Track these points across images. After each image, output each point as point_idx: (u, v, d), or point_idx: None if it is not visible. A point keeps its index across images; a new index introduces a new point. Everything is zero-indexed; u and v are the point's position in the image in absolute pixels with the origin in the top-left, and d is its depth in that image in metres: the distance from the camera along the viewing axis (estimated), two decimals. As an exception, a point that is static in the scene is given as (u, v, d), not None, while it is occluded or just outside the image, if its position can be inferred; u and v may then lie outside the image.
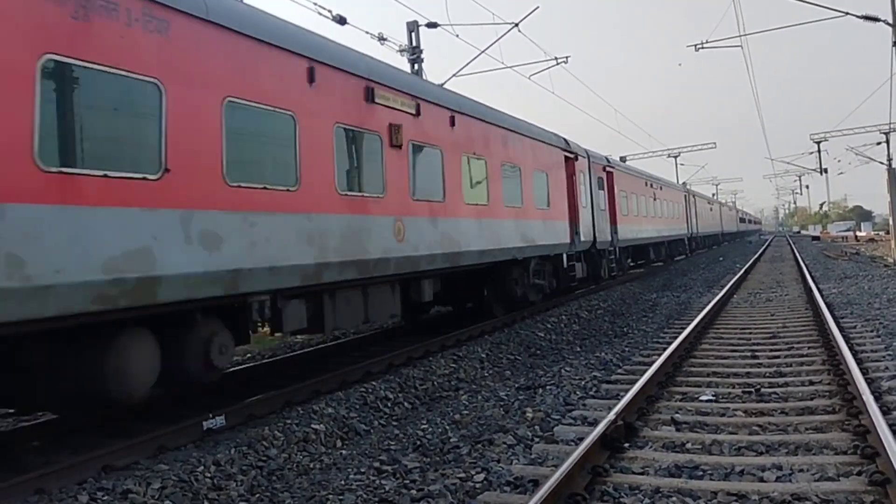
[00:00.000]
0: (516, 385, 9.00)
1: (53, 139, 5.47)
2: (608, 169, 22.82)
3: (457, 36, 20.13)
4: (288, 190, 7.84)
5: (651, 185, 30.10)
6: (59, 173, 5.40)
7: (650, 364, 8.82)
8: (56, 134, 5.52)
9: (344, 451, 6.82)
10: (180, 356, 6.87)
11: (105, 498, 5.29)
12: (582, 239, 18.64)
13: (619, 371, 9.33)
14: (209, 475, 5.88)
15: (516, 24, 19.91)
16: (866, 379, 7.22)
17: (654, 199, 30.54)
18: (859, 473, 4.98)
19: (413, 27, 21.46)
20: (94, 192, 5.66)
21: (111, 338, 6.10)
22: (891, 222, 32.20)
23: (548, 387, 8.58)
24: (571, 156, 18.54)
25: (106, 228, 5.71)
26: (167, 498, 5.44)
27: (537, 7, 19.61)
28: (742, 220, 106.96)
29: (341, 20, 16.43)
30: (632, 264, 28.42)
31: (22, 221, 5.08)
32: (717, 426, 6.45)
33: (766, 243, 64.54)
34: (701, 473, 5.23)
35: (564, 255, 17.63)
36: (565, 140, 18.54)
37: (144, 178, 6.13)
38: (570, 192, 18.20)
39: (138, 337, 6.33)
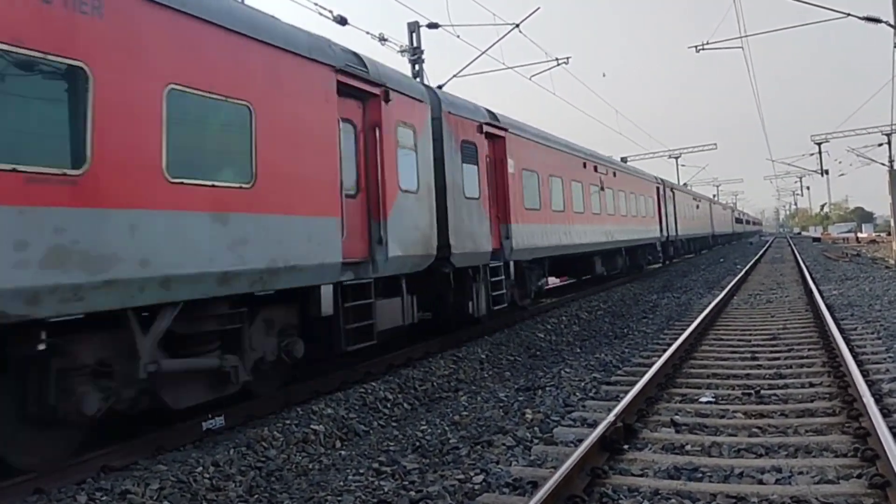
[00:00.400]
0: (516, 386, 9.00)
1: None
2: (491, 131, 13.72)
3: (458, 36, 20.13)
4: None
5: (596, 169, 21.67)
6: None
7: (650, 365, 8.81)
8: None
9: (343, 452, 6.81)
10: None
11: (104, 498, 5.29)
12: (391, 254, 9.68)
13: (619, 372, 9.31)
14: (208, 476, 5.88)
15: (517, 25, 19.90)
16: (867, 381, 7.20)
17: (602, 189, 22.21)
18: (859, 476, 4.97)
19: (414, 28, 21.43)
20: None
21: None
22: (892, 224, 32.20)
23: (547, 388, 8.57)
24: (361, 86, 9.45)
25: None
26: (166, 498, 5.44)
27: (538, 8, 19.61)
28: (739, 221, 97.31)
29: (342, 21, 16.41)
30: (559, 283, 23.55)
31: None
32: (717, 428, 6.43)
33: (767, 245, 64.50)
34: (700, 475, 5.22)
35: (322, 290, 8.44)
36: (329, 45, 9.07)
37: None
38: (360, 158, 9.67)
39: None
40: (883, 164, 46.13)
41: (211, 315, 6.94)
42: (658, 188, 32.11)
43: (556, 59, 23.30)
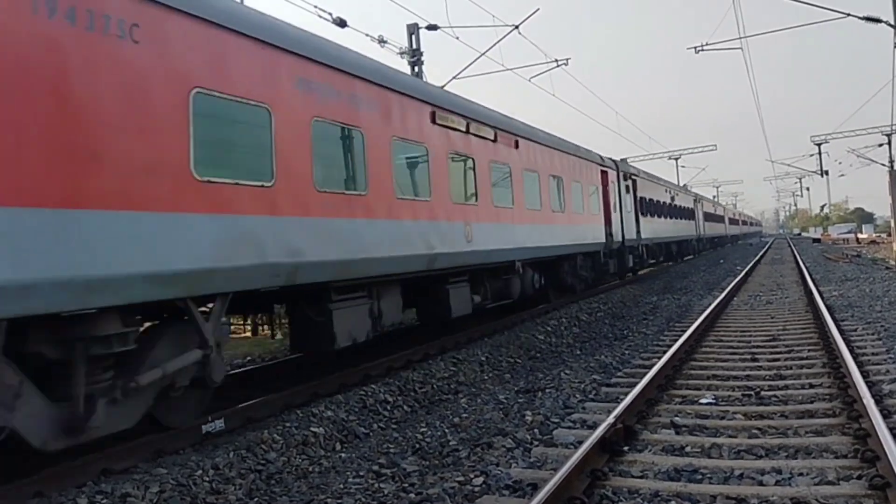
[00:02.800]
0: (516, 388, 9.00)
1: None
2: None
3: (457, 38, 20.14)
4: None
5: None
6: None
7: (650, 367, 8.80)
8: None
9: (343, 455, 6.81)
10: None
11: (104, 501, 5.29)
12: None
13: (619, 374, 9.31)
14: (208, 479, 5.87)
15: (516, 27, 19.92)
16: (867, 382, 7.21)
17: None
18: (859, 477, 4.96)
19: (413, 29, 21.48)
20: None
21: None
22: (892, 224, 32.18)
23: (547, 390, 8.57)
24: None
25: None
26: (165, 502, 5.44)
27: (538, 9, 19.63)
28: (735, 222, 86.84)
29: (342, 23, 16.44)
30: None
31: None
32: (717, 429, 6.43)
33: (767, 246, 64.50)
34: (700, 477, 5.21)
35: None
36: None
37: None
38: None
39: None
40: (883, 165, 46.17)
41: None
42: (605, 173, 21.83)
43: (556, 61, 23.32)
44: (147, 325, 6.77)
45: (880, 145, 49.92)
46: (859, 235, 72.89)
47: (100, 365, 5.81)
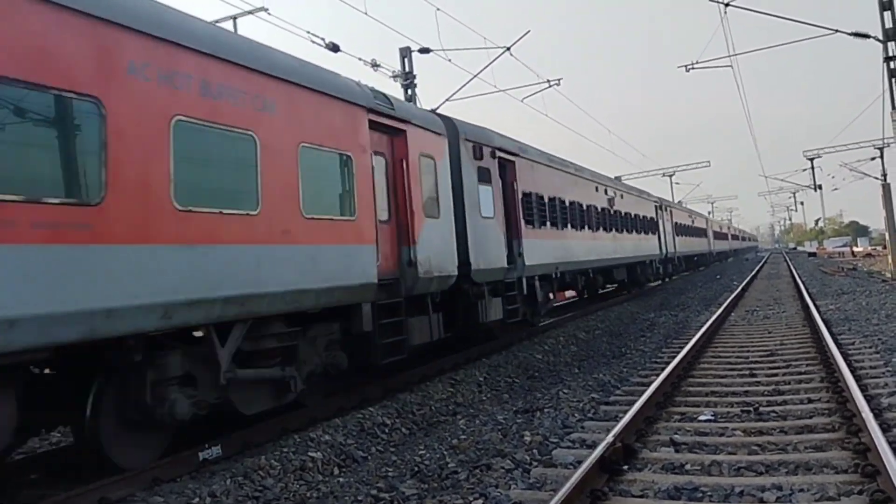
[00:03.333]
0: (514, 408, 8.96)
1: None
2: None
3: (449, 60, 20.30)
4: None
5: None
6: None
7: (648, 384, 8.78)
8: None
9: (341, 479, 6.75)
10: None
11: (99, 532, 5.23)
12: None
13: (618, 392, 9.29)
14: (205, 506, 5.81)
15: (508, 48, 20.07)
16: (865, 396, 7.19)
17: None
18: (860, 493, 4.94)
19: (406, 53, 21.66)
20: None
21: None
22: (887, 237, 32.28)
23: (546, 409, 8.54)
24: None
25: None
26: (162, 530, 5.38)
27: (528, 31, 19.79)
28: (723, 236, 76.49)
29: (335, 48, 16.56)
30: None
31: None
32: (717, 446, 6.40)
33: (763, 261, 64.61)
34: (700, 495, 5.18)
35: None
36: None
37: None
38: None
39: None
40: (876, 178, 46.33)
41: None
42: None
43: (548, 81, 23.47)
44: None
45: (872, 159, 50.13)
46: (854, 249, 73.06)
47: None
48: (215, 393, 7.20)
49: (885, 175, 44.74)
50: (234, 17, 15.13)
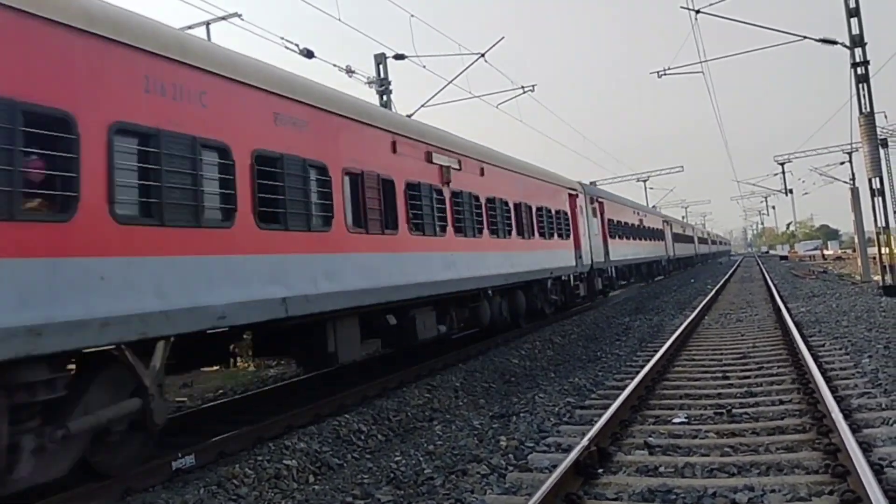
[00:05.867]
0: (490, 413, 8.96)
1: None
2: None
3: (424, 67, 20.33)
4: None
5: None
6: None
7: (623, 388, 8.83)
8: None
9: (316, 487, 6.71)
10: None
11: (69, 544, 5.14)
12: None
13: (593, 396, 9.33)
14: (177, 517, 5.74)
15: (482, 55, 20.16)
16: (835, 397, 7.29)
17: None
18: (831, 493, 5.01)
19: (381, 59, 21.65)
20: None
21: None
22: (856, 241, 32.82)
23: (522, 414, 8.55)
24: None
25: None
26: (134, 542, 5.30)
27: (503, 37, 19.90)
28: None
29: (309, 54, 16.51)
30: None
31: None
32: (690, 448, 6.46)
33: (736, 264, 65.36)
34: (674, 497, 5.22)
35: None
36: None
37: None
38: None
39: None
40: (845, 182, 47.17)
41: None
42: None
43: (522, 87, 23.60)
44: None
45: (842, 163, 51.20)
46: (825, 252, 74.25)
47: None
48: None
49: (853, 179, 45.56)
50: (208, 23, 15.04)
